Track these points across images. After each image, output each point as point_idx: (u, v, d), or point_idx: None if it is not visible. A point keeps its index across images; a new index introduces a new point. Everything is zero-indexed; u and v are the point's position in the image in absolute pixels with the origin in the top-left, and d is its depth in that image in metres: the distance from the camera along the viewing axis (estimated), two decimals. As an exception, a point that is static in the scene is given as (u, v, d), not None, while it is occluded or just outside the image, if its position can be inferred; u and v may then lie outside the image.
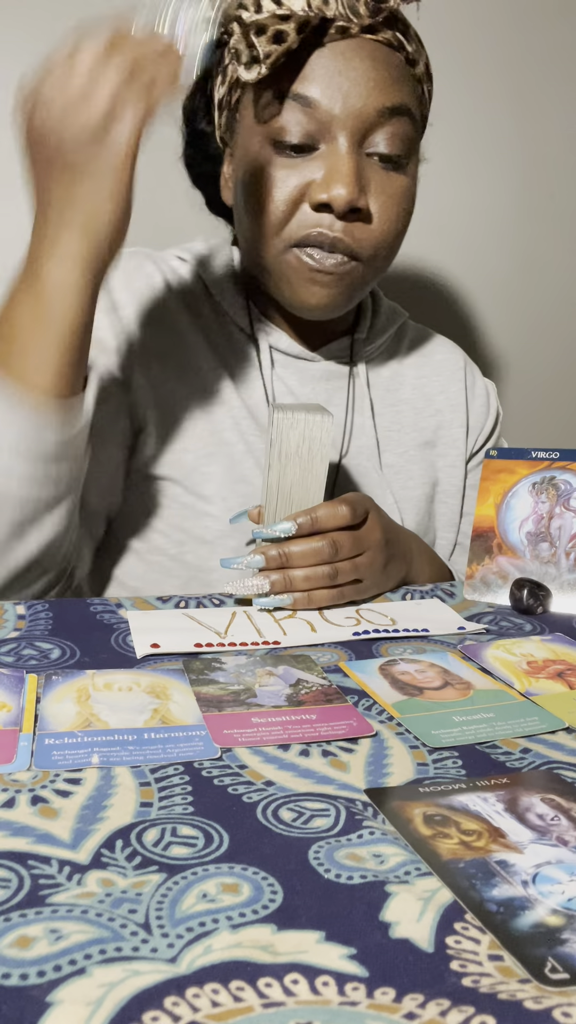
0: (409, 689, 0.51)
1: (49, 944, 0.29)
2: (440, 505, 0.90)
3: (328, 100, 0.68)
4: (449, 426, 0.90)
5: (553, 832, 0.36)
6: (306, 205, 0.71)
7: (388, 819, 0.37)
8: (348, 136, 0.69)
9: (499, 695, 0.51)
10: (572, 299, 1.40)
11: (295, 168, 0.70)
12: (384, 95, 0.69)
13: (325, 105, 0.68)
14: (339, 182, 0.68)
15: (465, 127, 1.28)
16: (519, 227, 1.34)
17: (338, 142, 0.69)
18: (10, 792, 0.38)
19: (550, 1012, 0.26)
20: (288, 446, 0.65)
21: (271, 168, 0.71)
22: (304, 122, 0.69)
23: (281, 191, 0.71)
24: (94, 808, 0.37)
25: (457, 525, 0.91)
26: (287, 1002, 0.27)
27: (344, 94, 0.68)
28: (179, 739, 0.44)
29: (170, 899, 0.31)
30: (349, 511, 0.65)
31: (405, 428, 0.88)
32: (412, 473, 0.87)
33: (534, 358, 1.40)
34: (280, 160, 0.71)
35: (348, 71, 0.68)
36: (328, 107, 0.68)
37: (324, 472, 0.66)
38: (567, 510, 0.69)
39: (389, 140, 0.71)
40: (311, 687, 0.51)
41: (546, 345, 1.41)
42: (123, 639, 0.58)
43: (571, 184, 1.35)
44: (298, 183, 0.70)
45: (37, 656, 0.54)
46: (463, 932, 0.30)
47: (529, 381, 1.41)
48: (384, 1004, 0.27)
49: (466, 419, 0.90)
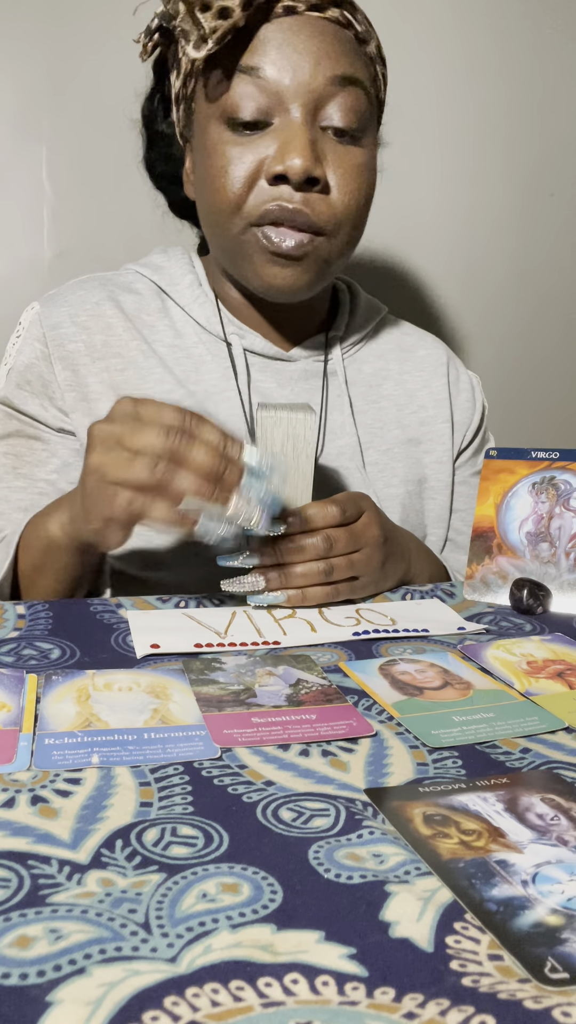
0: (409, 689, 0.51)
1: (49, 944, 0.29)
2: (428, 502, 0.89)
3: (278, 72, 0.69)
4: (433, 422, 0.89)
5: (553, 832, 0.36)
6: (263, 181, 0.71)
7: (388, 819, 0.37)
8: (301, 108, 0.69)
9: (499, 695, 0.51)
10: (572, 299, 1.40)
11: (249, 145, 0.70)
12: (334, 64, 0.70)
13: (275, 77, 0.69)
14: (293, 152, 0.68)
15: (465, 126, 1.28)
16: (519, 226, 1.34)
17: (291, 114, 0.70)
18: (10, 792, 0.38)
19: (550, 1012, 0.26)
20: (273, 445, 0.65)
21: (225, 147, 0.71)
22: (256, 96, 0.69)
23: (237, 168, 0.70)
24: (94, 808, 0.37)
25: (447, 521, 0.90)
26: (287, 1002, 0.27)
27: (294, 65, 0.69)
28: (179, 739, 0.44)
29: (170, 899, 0.31)
30: (338, 509, 0.65)
31: (388, 425, 0.87)
32: (396, 471, 0.86)
33: (534, 358, 1.40)
34: (234, 138, 0.71)
35: (297, 43, 0.69)
36: (278, 79, 0.69)
37: (311, 469, 0.66)
38: (567, 510, 0.69)
39: (343, 112, 0.71)
40: (311, 687, 0.51)
41: (546, 345, 1.41)
42: (123, 639, 0.58)
43: (571, 183, 1.35)
44: (253, 159, 0.70)
45: (37, 656, 0.54)
46: (463, 932, 0.30)
47: (529, 381, 1.41)
48: (384, 1004, 0.27)
49: (451, 414, 0.90)
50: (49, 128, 1.13)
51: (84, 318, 0.79)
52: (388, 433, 0.87)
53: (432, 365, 0.91)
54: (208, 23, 0.66)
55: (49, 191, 1.14)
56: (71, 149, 1.14)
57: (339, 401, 0.84)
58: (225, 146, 0.71)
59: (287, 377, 0.83)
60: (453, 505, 0.91)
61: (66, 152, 1.14)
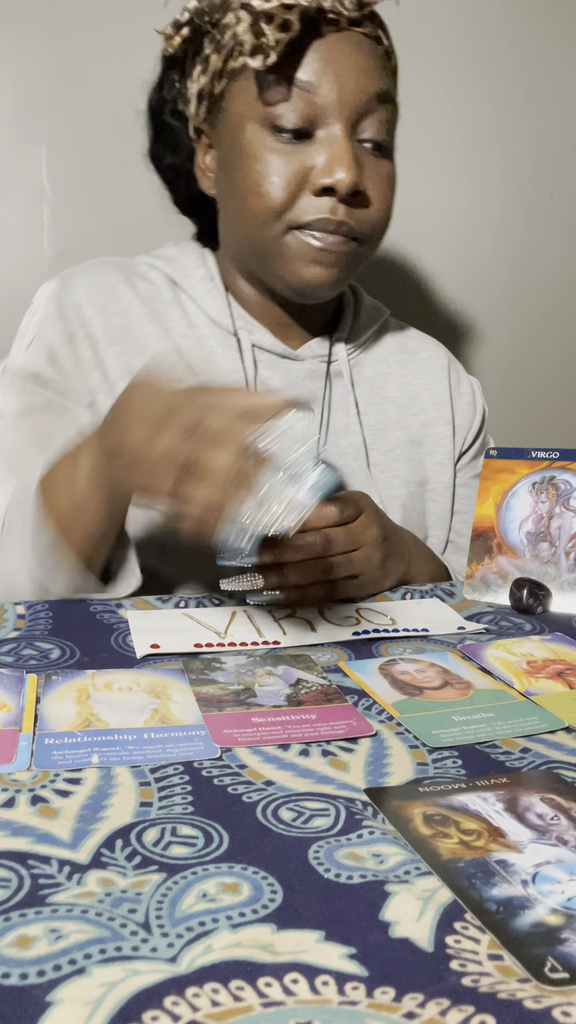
0: (409, 689, 0.51)
1: (49, 944, 0.29)
2: (430, 503, 0.89)
3: (326, 86, 0.71)
4: (435, 424, 0.89)
5: (553, 832, 0.36)
6: (307, 191, 0.73)
7: (388, 819, 0.37)
8: (344, 122, 0.72)
9: (499, 695, 0.51)
10: (572, 299, 1.40)
11: (292, 154, 0.73)
12: (374, 82, 0.73)
13: (322, 90, 0.71)
14: (341, 166, 0.71)
15: (465, 126, 1.28)
16: (519, 226, 1.34)
17: (334, 128, 0.72)
18: (10, 792, 0.38)
19: (550, 1011, 0.26)
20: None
21: (268, 153, 0.73)
22: (302, 107, 0.72)
23: (281, 176, 0.73)
24: (94, 808, 0.37)
25: (448, 523, 0.90)
26: (287, 1002, 0.27)
27: (340, 80, 0.71)
28: (179, 739, 0.44)
29: (170, 899, 0.31)
30: (336, 509, 0.65)
31: (390, 427, 0.87)
32: (398, 471, 0.87)
33: (534, 358, 1.40)
34: (277, 145, 0.73)
35: (342, 59, 0.72)
36: (326, 93, 0.71)
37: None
38: (567, 510, 0.69)
39: (378, 127, 0.74)
40: (311, 687, 0.51)
41: (546, 344, 1.41)
42: (123, 639, 0.58)
43: (571, 183, 1.35)
44: (297, 169, 0.72)
45: (37, 656, 0.54)
46: (463, 931, 0.30)
47: (529, 381, 1.41)
48: (384, 1003, 0.27)
49: (452, 417, 0.90)
50: (49, 128, 1.13)
51: (103, 300, 0.80)
52: (390, 434, 0.87)
53: (434, 368, 0.91)
54: (272, 35, 0.69)
55: (49, 191, 1.14)
56: (71, 149, 1.14)
57: (344, 402, 0.85)
58: (267, 152, 0.73)
59: (294, 376, 0.83)
60: (454, 507, 0.91)
61: (66, 152, 1.14)
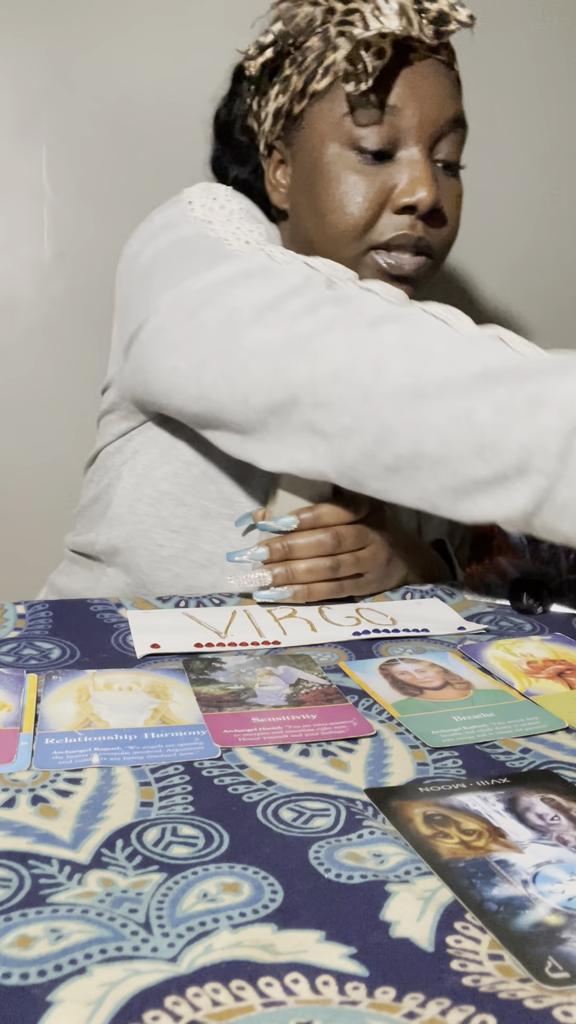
0: (409, 689, 0.51)
1: (50, 944, 0.29)
2: None
3: (410, 110, 0.75)
4: None
5: (553, 832, 0.36)
6: (388, 210, 0.76)
7: (388, 819, 0.37)
8: (423, 144, 0.76)
9: (499, 695, 0.51)
10: (573, 300, 1.40)
11: (374, 175, 0.75)
12: (451, 106, 0.77)
13: (407, 114, 0.75)
14: (423, 186, 0.74)
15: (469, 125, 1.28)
16: (520, 226, 1.34)
17: (414, 149, 0.76)
18: (10, 792, 0.38)
19: (550, 1011, 0.26)
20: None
21: (350, 174, 0.76)
22: (386, 130, 0.75)
23: (364, 196, 0.75)
24: (94, 808, 0.37)
25: (458, 526, 0.91)
26: (287, 1001, 0.27)
27: (423, 105, 0.75)
28: (179, 739, 0.44)
29: (170, 899, 0.31)
30: (352, 507, 0.66)
31: None
32: None
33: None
34: (360, 166, 0.76)
35: (425, 84, 0.75)
36: (409, 116, 0.75)
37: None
38: (567, 510, 0.69)
39: (452, 148, 0.78)
40: (311, 687, 0.51)
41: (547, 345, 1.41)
42: (123, 639, 0.58)
43: (572, 183, 1.35)
44: (379, 188, 0.75)
45: (37, 656, 0.54)
46: (463, 931, 0.30)
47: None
48: (384, 1003, 0.27)
49: None
50: (49, 128, 1.13)
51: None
52: None
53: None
54: (371, 62, 0.71)
55: (49, 191, 1.14)
56: (71, 149, 1.14)
57: None
58: (350, 172, 0.75)
59: None
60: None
61: (66, 152, 1.14)
